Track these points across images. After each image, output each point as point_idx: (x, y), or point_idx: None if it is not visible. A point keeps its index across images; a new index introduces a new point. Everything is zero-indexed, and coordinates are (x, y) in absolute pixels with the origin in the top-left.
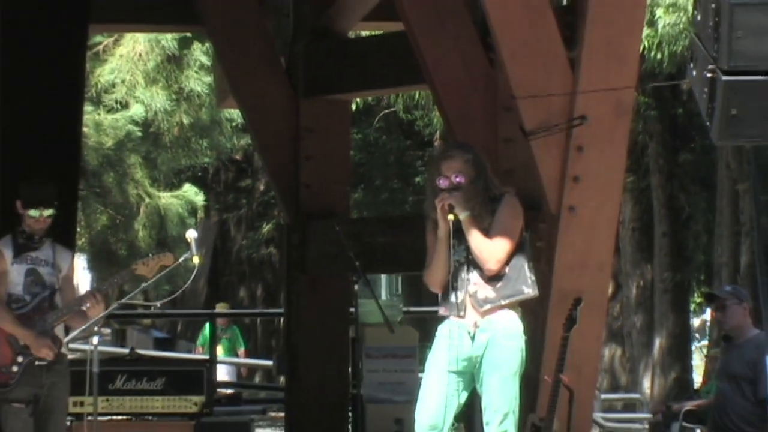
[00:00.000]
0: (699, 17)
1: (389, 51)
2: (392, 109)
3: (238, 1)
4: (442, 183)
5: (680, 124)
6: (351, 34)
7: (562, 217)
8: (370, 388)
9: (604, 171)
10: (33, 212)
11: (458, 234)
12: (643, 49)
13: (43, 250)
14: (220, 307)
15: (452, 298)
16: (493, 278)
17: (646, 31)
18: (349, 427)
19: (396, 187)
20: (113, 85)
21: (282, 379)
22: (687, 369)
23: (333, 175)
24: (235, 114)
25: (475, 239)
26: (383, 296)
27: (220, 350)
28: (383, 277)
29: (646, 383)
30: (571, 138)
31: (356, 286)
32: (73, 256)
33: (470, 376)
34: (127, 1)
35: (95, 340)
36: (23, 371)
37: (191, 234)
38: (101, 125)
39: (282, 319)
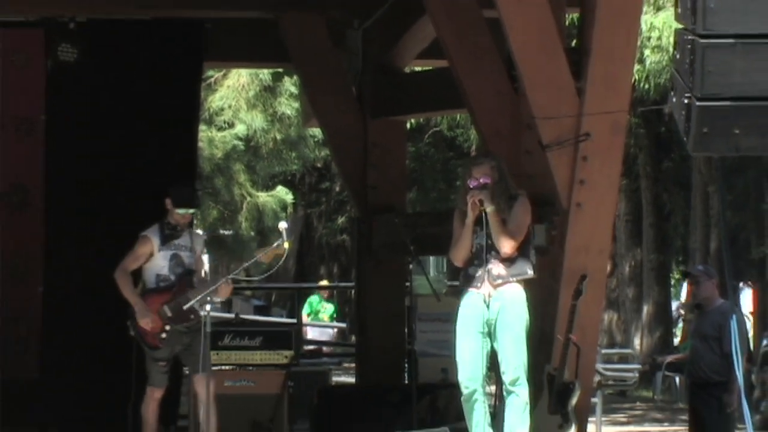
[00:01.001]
0: (678, 56)
1: (437, 82)
2: (439, 128)
3: (319, 44)
4: (473, 183)
5: (663, 139)
6: (407, 69)
7: (571, 211)
8: (421, 344)
9: (604, 176)
10: (181, 210)
11: (480, 223)
12: (634, 81)
13: (183, 237)
14: (325, 282)
15: (471, 272)
16: (506, 260)
17: (636, 66)
18: (405, 375)
19: (442, 188)
20: (222, 109)
21: (353, 337)
22: (668, 330)
23: (393, 179)
24: (317, 132)
25: (497, 228)
26: (432, 273)
27: (326, 317)
28: (432, 258)
29: (637, 341)
30: (578, 150)
31: (411, 266)
32: (203, 239)
33: (488, 336)
34: (233, 44)
35: (208, 307)
36: (169, 337)
37: (282, 225)
38: (213, 140)
39: (353, 291)
